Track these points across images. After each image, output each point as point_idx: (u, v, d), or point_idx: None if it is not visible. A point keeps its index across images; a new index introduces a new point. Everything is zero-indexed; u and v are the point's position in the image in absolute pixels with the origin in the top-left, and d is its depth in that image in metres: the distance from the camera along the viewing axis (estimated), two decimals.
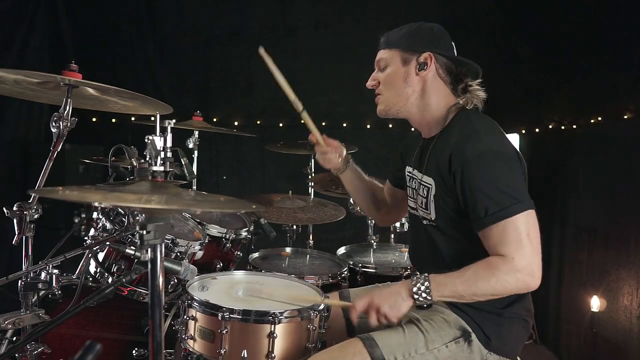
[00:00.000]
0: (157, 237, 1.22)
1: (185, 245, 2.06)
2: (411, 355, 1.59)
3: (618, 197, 3.22)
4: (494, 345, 1.63)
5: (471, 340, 1.62)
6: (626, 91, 3.21)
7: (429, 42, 1.75)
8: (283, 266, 2.68)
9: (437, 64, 1.75)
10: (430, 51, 1.73)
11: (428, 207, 1.75)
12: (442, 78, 1.77)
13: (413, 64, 1.75)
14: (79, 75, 1.75)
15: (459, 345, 1.62)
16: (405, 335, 1.63)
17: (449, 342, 1.62)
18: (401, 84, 1.77)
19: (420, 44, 1.75)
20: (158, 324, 1.28)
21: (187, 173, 1.83)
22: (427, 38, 1.76)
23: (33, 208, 1.72)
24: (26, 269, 1.71)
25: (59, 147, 1.78)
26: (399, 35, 1.78)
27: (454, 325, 1.65)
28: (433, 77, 1.76)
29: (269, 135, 4.26)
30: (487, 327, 1.64)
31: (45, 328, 1.44)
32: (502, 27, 4.31)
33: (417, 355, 1.59)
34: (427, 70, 1.74)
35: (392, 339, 1.62)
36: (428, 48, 1.74)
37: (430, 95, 1.77)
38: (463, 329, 1.64)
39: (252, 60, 4.68)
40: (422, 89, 1.77)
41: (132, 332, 2.13)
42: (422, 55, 1.74)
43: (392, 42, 1.79)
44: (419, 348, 1.60)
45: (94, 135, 4.34)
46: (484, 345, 1.63)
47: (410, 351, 1.59)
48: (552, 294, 3.90)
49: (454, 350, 1.61)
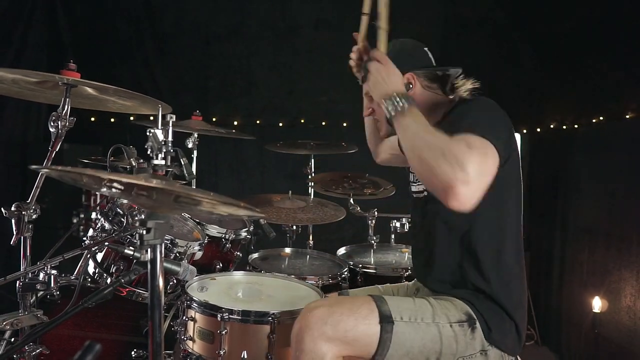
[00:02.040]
0: (156, 237, 1.21)
1: (185, 246, 2.05)
2: (417, 321, 1.60)
3: (620, 197, 3.21)
4: (494, 337, 1.64)
5: (475, 328, 1.63)
6: (628, 91, 3.20)
7: (406, 62, 1.80)
8: (283, 267, 2.67)
9: (419, 79, 1.82)
10: (410, 71, 1.79)
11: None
12: (429, 88, 1.83)
13: None
14: (77, 74, 1.75)
15: (463, 328, 1.63)
16: (415, 304, 1.66)
17: (453, 323, 1.63)
18: None
19: (401, 65, 1.75)
20: (157, 324, 1.26)
21: (187, 173, 1.82)
22: (404, 59, 1.80)
23: (31, 208, 1.71)
24: (24, 270, 1.70)
25: (58, 146, 1.78)
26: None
27: (461, 309, 1.66)
28: (420, 92, 1.82)
29: (269, 135, 4.24)
30: (490, 318, 1.65)
31: (44, 329, 1.43)
32: (504, 26, 4.30)
33: (423, 323, 1.60)
34: (414, 89, 1.80)
35: (402, 303, 1.65)
36: (407, 69, 1.78)
37: (423, 108, 1.76)
38: (469, 314, 1.65)
39: (252, 59, 4.68)
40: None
41: (131, 333, 2.13)
42: (404, 77, 1.76)
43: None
44: (426, 317, 1.62)
45: (92, 135, 4.33)
46: (485, 336, 1.64)
47: (417, 317, 1.61)
48: (554, 294, 3.90)
49: (457, 332, 1.62)
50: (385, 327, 1.56)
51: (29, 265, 1.73)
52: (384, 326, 1.56)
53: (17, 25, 4.17)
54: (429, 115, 1.79)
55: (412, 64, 1.82)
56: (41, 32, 4.44)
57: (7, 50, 4.08)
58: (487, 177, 1.42)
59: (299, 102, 4.66)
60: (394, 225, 3.03)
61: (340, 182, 3.21)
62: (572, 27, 3.71)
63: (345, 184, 3.19)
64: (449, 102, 1.82)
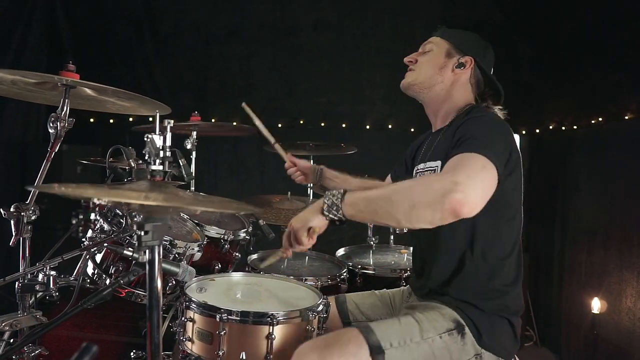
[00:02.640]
0: (155, 238, 1.21)
1: (184, 247, 2.04)
2: (406, 343, 1.59)
3: (619, 197, 3.21)
4: (485, 342, 1.64)
5: (465, 334, 1.63)
6: (627, 91, 3.21)
7: (477, 50, 1.88)
8: (282, 267, 2.67)
9: (473, 70, 1.87)
10: (474, 58, 1.86)
11: None
12: (471, 85, 1.89)
13: (454, 60, 1.86)
14: (77, 75, 1.75)
15: (452, 337, 1.63)
16: (401, 325, 1.65)
17: (442, 333, 1.62)
18: (435, 71, 1.87)
19: (469, 48, 1.87)
20: (156, 325, 1.26)
21: (185, 174, 1.82)
22: (477, 47, 1.89)
23: (30, 209, 1.71)
24: (23, 271, 1.70)
25: (57, 147, 1.77)
26: (456, 32, 1.90)
27: (448, 318, 1.66)
28: (465, 80, 1.87)
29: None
30: (479, 323, 1.65)
31: (43, 330, 1.43)
32: (503, 27, 4.31)
33: (413, 344, 1.60)
34: (463, 71, 1.86)
35: (388, 328, 1.64)
36: (474, 54, 1.86)
37: (455, 93, 1.88)
38: (457, 321, 1.65)
39: (251, 60, 4.68)
40: (451, 85, 1.87)
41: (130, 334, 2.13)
42: (465, 57, 1.86)
43: (448, 34, 1.90)
44: (414, 337, 1.61)
45: (91, 136, 4.33)
46: (477, 341, 1.64)
47: (406, 339, 1.60)
48: (553, 295, 3.90)
49: (448, 342, 1.62)
50: (377, 359, 1.55)
51: (28, 266, 1.73)
52: (375, 358, 1.55)
53: (16, 26, 4.17)
54: (447, 101, 1.87)
55: (481, 55, 1.87)
56: (41, 32, 4.44)
57: (7, 50, 4.08)
58: (485, 182, 1.43)
59: (299, 103, 4.67)
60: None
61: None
62: (572, 28, 3.71)
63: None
64: (466, 106, 1.84)
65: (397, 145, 4.45)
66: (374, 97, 4.51)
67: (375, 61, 4.41)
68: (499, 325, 1.67)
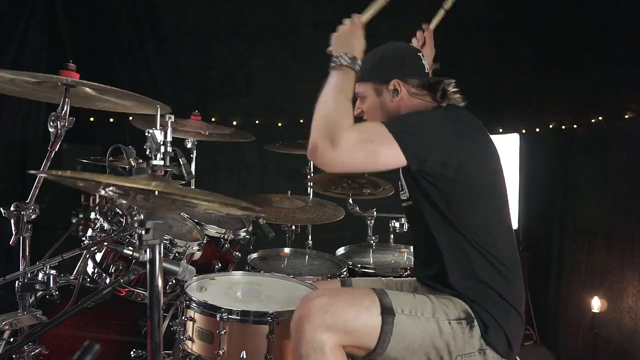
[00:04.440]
0: (155, 237, 1.21)
1: (184, 246, 2.04)
2: (417, 315, 1.61)
3: (619, 197, 3.21)
4: (491, 335, 1.64)
5: (473, 326, 1.63)
6: (627, 91, 3.21)
7: (394, 68, 1.85)
8: (282, 267, 2.67)
9: (406, 86, 1.84)
10: (397, 78, 1.83)
11: (403, 187, 1.88)
12: (417, 95, 1.85)
13: (385, 93, 1.85)
14: (77, 75, 1.74)
15: (461, 326, 1.63)
16: (415, 299, 1.67)
17: (452, 320, 1.63)
18: (380, 113, 1.87)
19: (387, 73, 1.85)
20: (156, 324, 1.27)
21: (186, 173, 1.83)
22: (392, 64, 1.86)
23: (30, 208, 1.71)
24: (23, 270, 1.70)
25: (57, 146, 1.77)
26: (366, 68, 1.85)
27: (460, 307, 1.67)
28: (408, 98, 1.84)
29: (268, 135, 4.24)
30: (485, 318, 1.65)
31: (43, 329, 1.43)
32: (503, 26, 4.30)
33: (423, 318, 1.61)
34: (400, 95, 1.83)
35: (402, 296, 1.66)
36: (394, 75, 1.83)
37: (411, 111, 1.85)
38: (468, 313, 1.65)
39: (251, 59, 4.68)
40: (400, 111, 1.84)
41: (130, 333, 2.13)
42: (390, 83, 1.83)
43: (363, 76, 1.85)
44: (426, 312, 1.62)
45: (91, 135, 4.32)
46: (483, 335, 1.63)
47: (417, 310, 1.62)
48: (553, 294, 3.90)
49: (456, 329, 1.62)
50: (386, 319, 1.57)
51: (28, 265, 1.73)
52: (385, 318, 1.57)
53: (17, 26, 4.17)
54: None
55: (399, 71, 1.84)
56: (41, 32, 4.44)
57: (7, 50, 4.08)
58: (363, 158, 1.56)
59: (299, 102, 4.65)
60: (393, 225, 3.03)
61: (339, 182, 3.21)
62: (572, 27, 3.71)
63: (344, 184, 3.19)
64: (436, 108, 1.83)
65: None
66: None
67: None
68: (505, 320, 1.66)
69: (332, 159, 1.55)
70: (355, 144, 1.55)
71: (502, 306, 1.67)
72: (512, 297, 1.70)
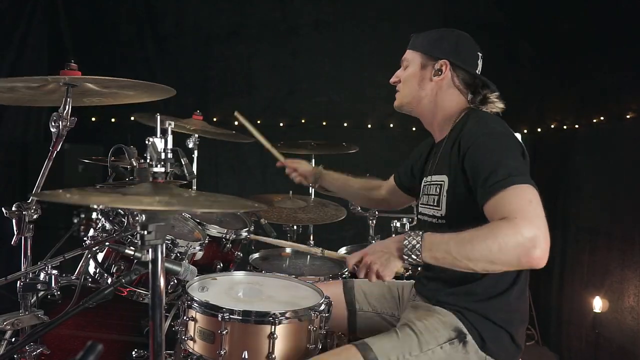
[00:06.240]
0: (157, 238, 1.21)
1: (185, 246, 2.04)
2: (405, 358, 1.58)
3: (620, 197, 3.21)
4: (490, 348, 1.62)
5: (466, 342, 1.61)
6: (628, 91, 3.20)
7: (450, 50, 1.80)
8: (283, 267, 2.67)
9: (453, 72, 1.80)
10: (448, 59, 1.78)
11: (439, 203, 1.73)
12: (457, 87, 1.81)
13: (430, 69, 1.81)
14: (79, 72, 1.74)
15: (454, 346, 1.61)
16: (399, 339, 1.63)
17: (443, 344, 1.61)
18: (416, 86, 1.83)
19: (440, 51, 1.80)
20: (158, 324, 1.26)
21: (187, 173, 1.82)
22: (449, 46, 1.80)
23: (32, 208, 1.71)
24: (25, 270, 1.70)
25: (59, 146, 1.77)
26: (423, 39, 1.83)
27: (449, 326, 1.63)
28: (447, 84, 1.81)
29: (269, 135, 4.23)
30: (482, 329, 1.62)
31: (45, 329, 1.43)
32: (504, 27, 4.30)
33: (412, 358, 1.58)
34: (442, 77, 1.79)
35: (385, 343, 1.62)
36: (446, 56, 1.79)
37: (443, 100, 1.82)
38: (458, 330, 1.62)
39: (252, 59, 4.69)
40: (436, 95, 1.82)
41: (132, 333, 2.13)
42: (438, 62, 1.79)
43: (416, 44, 1.85)
44: (413, 350, 1.59)
45: (93, 135, 4.33)
46: (480, 348, 1.61)
47: (405, 353, 1.58)
48: (554, 294, 3.89)
49: (449, 352, 1.60)
50: None
51: (30, 265, 1.73)
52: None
53: (18, 26, 4.17)
54: (438, 111, 1.82)
55: (453, 55, 1.79)
56: (42, 32, 4.44)
57: (8, 50, 4.08)
58: (542, 214, 1.40)
59: (300, 102, 4.67)
60: (394, 225, 3.03)
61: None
62: (572, 27, 3.71)
63: None
64: (465, 108, 1.79)
65: (398, 145, 4.46)
66: (375, 96, 4.51)
67: (376, 60, 4.41)
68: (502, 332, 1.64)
69: (545, 252, 1.37)
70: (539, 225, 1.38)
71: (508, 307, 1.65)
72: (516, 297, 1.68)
